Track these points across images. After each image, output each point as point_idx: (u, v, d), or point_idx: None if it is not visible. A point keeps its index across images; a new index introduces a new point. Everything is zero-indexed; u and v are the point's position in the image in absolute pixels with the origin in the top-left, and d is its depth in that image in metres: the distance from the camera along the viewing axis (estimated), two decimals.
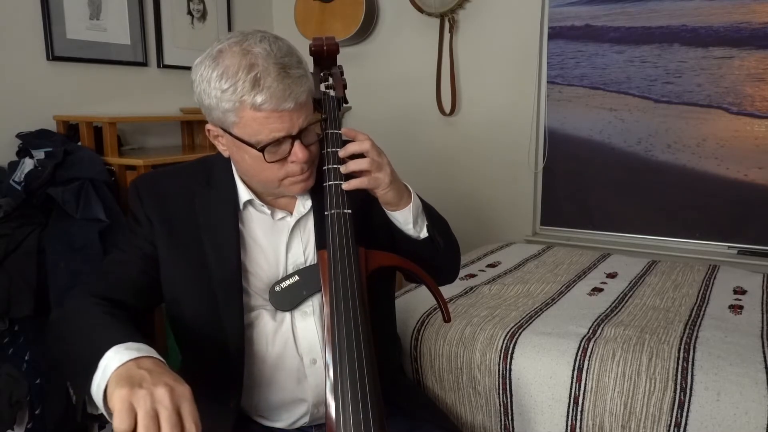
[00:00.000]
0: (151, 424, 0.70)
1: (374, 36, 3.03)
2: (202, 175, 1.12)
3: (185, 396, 0.74)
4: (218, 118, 0.98)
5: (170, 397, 0.72)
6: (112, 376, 0.75)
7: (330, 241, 0.96)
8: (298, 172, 1.00)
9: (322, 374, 1.05)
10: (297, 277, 1.00)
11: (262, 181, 1.04)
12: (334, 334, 0.88)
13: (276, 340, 1.06)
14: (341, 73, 1.17)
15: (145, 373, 0.75)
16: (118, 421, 0.70)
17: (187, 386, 0.75)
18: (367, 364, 0.85)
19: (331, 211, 0.98)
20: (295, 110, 0.94)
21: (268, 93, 0.91)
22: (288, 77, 0.93)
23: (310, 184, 1.04)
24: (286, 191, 1.05)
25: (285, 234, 1.09)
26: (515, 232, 2.81)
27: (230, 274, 1.04)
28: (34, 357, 1.78)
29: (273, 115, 0.93)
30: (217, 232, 1.06)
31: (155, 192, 1.09)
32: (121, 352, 0.79)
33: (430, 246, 1.08)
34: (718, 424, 1.26)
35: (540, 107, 2.71)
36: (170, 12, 2.68)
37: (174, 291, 1.07)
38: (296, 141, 0.97)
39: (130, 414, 0.70)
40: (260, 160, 0.97)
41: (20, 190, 1.89)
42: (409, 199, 1.04)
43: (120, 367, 0.76)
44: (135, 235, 1.08)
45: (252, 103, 0.92)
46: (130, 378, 0.74)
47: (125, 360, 0.77)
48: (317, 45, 1.15)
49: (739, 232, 2.42)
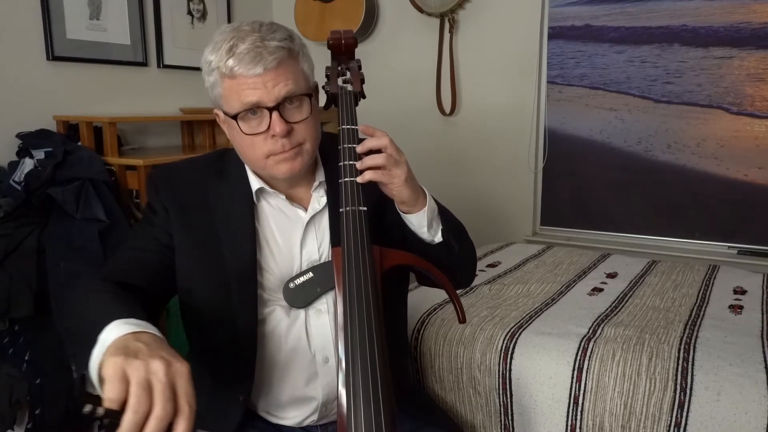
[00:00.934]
0: (144, 395, 0.66)
1: (374, 36, 3.03)
2: (218, 166, 1.12)
3: (182, 372, 0.70)
4: (214, 98, 1.02)
5: (165, 371, 0.68)
6: (109, 347, 0.73)
7: (344, 238, 0.94)
8: (279, 148, 1.00)
9: (333, 373, 1.06)
10: (311, 273, 0.99)
11: (252, 160, 1.04)
12: (347, 332, 0.86)
13: (289, 337, 1.06)
14: (359, 67, 1.15)
15: (143, 345, 0.72)
16: (108, 389, 0.66)
17: (186, 363, 0.71)
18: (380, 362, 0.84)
19: (346, 208, 0.96)
20: (267, 77, 0.96)
21: (237, 58, 0.95)
22: (261, 46, 0.96)
23: (297, 167, 1.03)
24: (272, 171, 1.03)
25: (299, 230, 1.08)
26: (515, 232, 2.81)
27: (245, 266, 1.05)
28: (34, 357, 1.78)
29: (246, 81, 0.96)
30: (232, 224, 1.07)
31: (171, 183, 1.10)
32: (120, 326, 0.77)
33: (444, 250, 1.06)
34: (718, 424, 1.26)
35: (540, 107, 2.71)
36: (170, 12, 2.68)
37: (188, 281, 1.07)
38: (274, 113, 0.97)
39: (122, 383, 0.66)
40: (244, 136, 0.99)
41: (20, 190, 1.89)
42: (424, 202, 1.03)
43: (118, 338, 0.74)
44: (151, 226, 1.08)
45: (226, 69, 0.96)
46: (126, 348, 0.71)
47: (123, 333, 0.75)
48: (335, 38, 1.14)
49: (739, 232, 2.42)
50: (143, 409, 0.65)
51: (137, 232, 1.11)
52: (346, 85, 1.10)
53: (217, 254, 1.05)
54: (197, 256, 1.06)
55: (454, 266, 1.09)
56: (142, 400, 0.65)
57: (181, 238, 1.06)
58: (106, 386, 0.66)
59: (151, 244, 1.06)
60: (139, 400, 0.65)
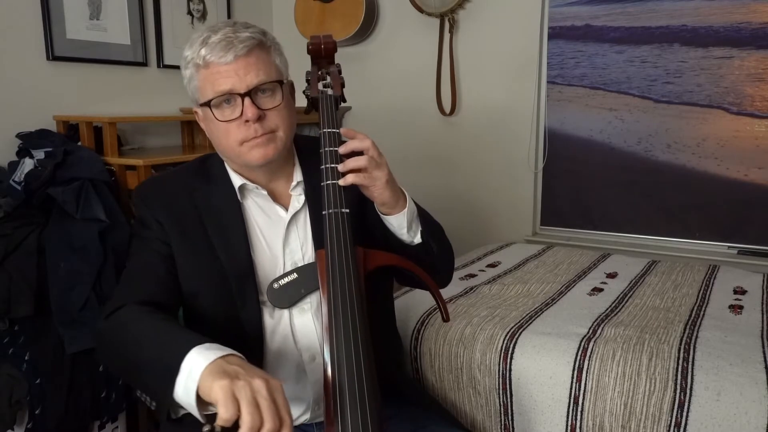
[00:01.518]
0: (255, 412, 0.74)
1: (374, 36, 3.03)
2: (201, 172, 1.14)
3: (278, 388, 0.78)
4: (192, 93, 1.05)
5: (267, 388, 0.76)
6: (204, 372, 0.78)
7: (328, 240, 0.96)
8: (251, 134, 1.02)
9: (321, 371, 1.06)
10: (295, 275, 1.00)
11: (226, 147, 1.06)
12: (332, 333, 0.88)
13: (275, 336, 1.07)
14: (339, 71, 1.16)
15: (238, 368, 0.79)
16: (223, 410, 0.73)
17: (278, 380, 0.79)
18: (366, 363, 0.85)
19: (329, 210, 0.98)
20: (239, 65, 1.00)
21: (210, 47, 0.99)
22: (234, 36, 1.00)
23: (270, 153, 1.05)
24: (246, 158, 1.05)
25: (281, 229, 1.10)
26: (515, 232, 2.81)
27: (242, 264, 1.06)
28: (34, 357, 1.78)
29: (218, 69, 1.00)
30: (222, 226, 1.08)
31: (159, 194, 1.11)
32: (205, 353, 0.81)
33: (423, 251, 1.08)
34: (718, 424, 1.26)
35: (540, 107, 2.71)
36: (170, 12, 2.68)
37: (191, 285, 1.08)
38: (246, 99, 1.00)
39: (234, 403, 0.74)
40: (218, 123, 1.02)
41: (20, 190, 1.89)
42: (404, 204, 1.04)
43: (210, 364, 0.79)
44: (148, 240, 1.09)
45: (199, 59, 1.00)
46: (226, 372, 0.77)
47: (213, 358, 0.80)
48: (315, 43, 1.15)
49: (739, 232, 2.42)
50: (257, 424, 0.74)
51: (135, 250, 1.12)
52: (326, 89, 1.12)
53: (214, 258, 1.07)
54: (196, 260, 1.07)
55: (433, 267, 1.10)
56: (255, 417, 0.74)
57: (179, 245, 1.07)
58: (220, 408, 0.74)
59: (155, 257, 1.07)
60: (252, 417, 0.73)
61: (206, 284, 1.07)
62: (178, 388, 0.80)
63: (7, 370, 1.72)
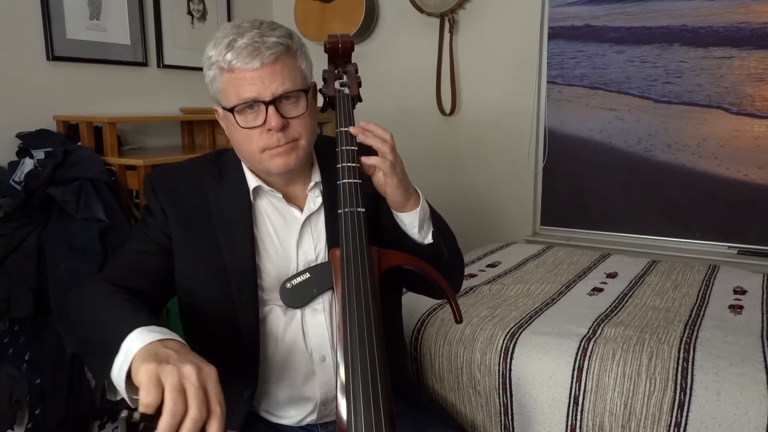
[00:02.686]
0: (179, 398, 0.69)
1: (374, 36, 3.03)
2: (215, 167, 1.13)
3: (211, 376, 0.74)
4: (213, 93, 1.03)
5: (197, 375, 0.72)
6: (137, 354, 0.75)
7: (343, 239, 0.95)
8: (274, 143, 1.01)
9: (330, 372, 1.06)
10: (308, 274, 0.99)
11: (248, 153, 1.04)
12: (345, 333, 0.87)
13: (286, 336, 1.06)
14: (356, 70, 1.16)
15: (171, 352, 0.75)
16: (144, 394, 0.69)
17: (213, 368, 0.75)
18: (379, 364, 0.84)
19: (344, 209, 0.97)
20: (264, 72, 0.97)
21: (236, 52, 0.97)
22: (261, 42, 0.97)
23: (292, 162, 1.04)
24: (267, 165, 1.04)
25: (295, 230, 1.09)
26: (515, 232, 2.81)
27: (244, 267, 1.05)
28: (34, 357, 1.78)
29: (243, 75, 0.97)
30: (230, 226, 1.07)
31: (169, 184, 1.10)
32: (144, 334, 0.78)
33: (434, 253, 1.07)
34: (718, 424, 1.26)
35: (540, 107, 2.71)
36: (170, 12, 2.68)
37: (188, 281, 1.07)
38: (270, 107, 0.98)
39: (158, 388, 0.70)
40: (240, 129, 1.00)
41: (20, 190, 1.89)
42: (416, 203, 1.04)
43: (144, 346, 0.76)
44: (150, 228, 1.08)
45: (224, 63, 0.97)
46: (157, 355, 0.74)
47: (150, 341, 0.77)
48: (332, 42, 1.14)
49: (739, 232, 2.42)
50: (179, 411, 0.69)
51: (136, 235, 1.11)
52: (343, 88, 1.11)
53: (216, 255, 1.06)
54: (197, 257, 1.06)
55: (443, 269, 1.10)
56: (178, 404, 0.69)
57: (180, 239, 1.06)
58: (141, 392, 0.70)
59: (151, 247, 1.07)
60: (175, 403, 0.69)
61: (204, 281, 1.06)
62: (114, 368, 0.77)
63: (7, 370, 1.72)
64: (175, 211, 1.07)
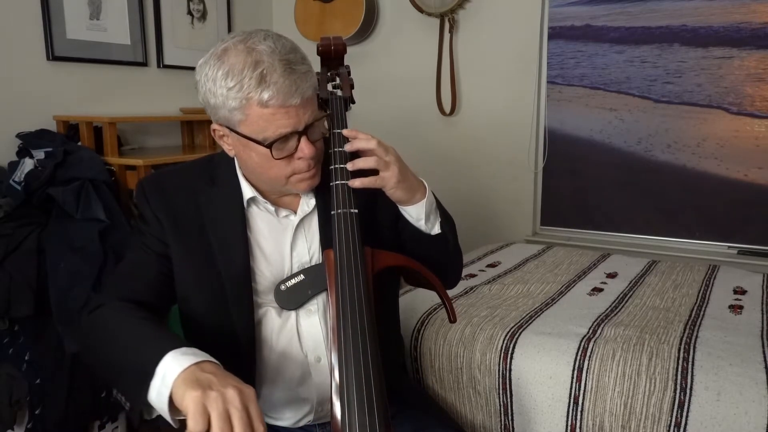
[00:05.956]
0: (225, 426, 0.73)
1: (374, 36, 3.03)
2: (207, 173, 1.12)
3: (251, 397, 0.77)
4: (224, 117, 0.98)
5: (240, 398, 0.75)
6: (177, 380, 0.77)
7: (336, 240, 0.95)
8: (304, 168, 1.00)
9: (326, 372, 1.05)
10: (302, 276, 1.00)
11: (269, 178, 1.03)
12: (339, 335, 0.87)
13: (281, 338, 1.06)
14: (348, 72, 1.16)
15: (211, 376, 0.78)
16: (192, 423, 0.73)
17: (252, 388, 0.78)
18: (373, 365, 0.85)
19: (337, 210, 0.97)
20: (301, 106, 0.95)
21: (274, 89, 0.92)
22: (294, 73, 0.93)
23: (316, 182, 1.04)
24: (292, 189, 1.04)
25: (289, 232, 1.09)
26: (515, 232, 2.81)
27: (239, 272, 1.05)
28: (34, 357, 1.78)
29: (280, 111, 0.94)
30: (223, 229, 1.07)
31: (161, 190, 1.09)
32: (179, 358, 0.80)
33: (441, 244, 1.07)
34: (718, 424, 1.26)
35: (540, 107, 2.71)
36: (170, 12, 2.68)
37: (185, 289, 1.07)
38: (303, 137, 0.97)
39: (204, 416, 0.73)
40: (267, 157, 0.97)
41: (20, 190, 1.89)
42: (423, 195, 1.03)
43: (183, 371, 0.78)
44: (145, 236, 1.08)
45: (259, 100, 0.92)
46: (198, 381, 0.77)
47: (186, 365, 0.79)
48: (325, 45, 1.15)
49: (739, 232, 2.42)
50: None
51: (133, 245, 1.11)
52: (336, 90, 1.11)
53: (210, 261, 1.06)
54: (191, 263, 1.06)
55: (448, 261, 1.10)
56: (225, 430, 0.73)
57: (176, 246, 1.06)
58: (189, 421, 0.73)
59: (150, 256, 1.07)
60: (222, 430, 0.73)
61: (198, 286, 1.06)
62: (152, 392, 0.80)
63: (7, 370, 1.72)
64: (169, 217, 1.07)
